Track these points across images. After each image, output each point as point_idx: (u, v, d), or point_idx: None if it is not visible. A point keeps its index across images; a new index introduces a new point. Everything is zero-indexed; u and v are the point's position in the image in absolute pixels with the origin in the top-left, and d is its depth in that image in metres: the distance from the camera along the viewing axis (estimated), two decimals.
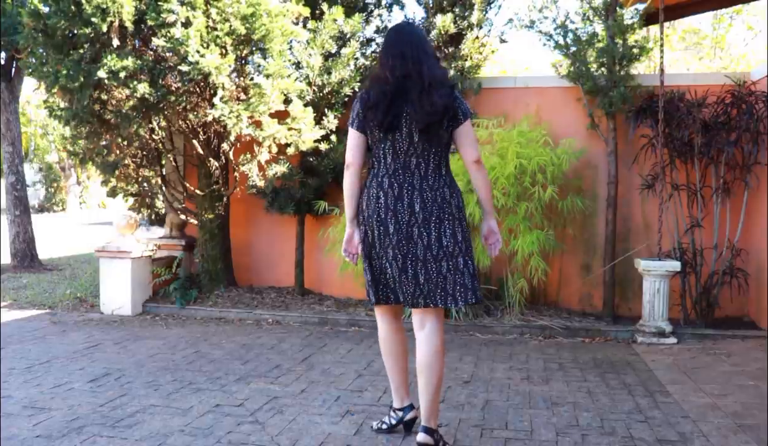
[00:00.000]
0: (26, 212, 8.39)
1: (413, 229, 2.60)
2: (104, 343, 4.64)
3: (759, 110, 5.01)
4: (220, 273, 6.12)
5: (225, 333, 5.01)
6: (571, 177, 5.48)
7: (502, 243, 2.81)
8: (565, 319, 5.30)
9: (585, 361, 4.29)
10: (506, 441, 2.86)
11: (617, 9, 5.37)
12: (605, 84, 5.34)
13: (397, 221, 2.60)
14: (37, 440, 2.83)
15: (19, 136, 8.43)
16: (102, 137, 5.61)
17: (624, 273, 5.56)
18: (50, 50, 5.00)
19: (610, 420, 3.14)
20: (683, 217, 5.36)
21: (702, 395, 3.54)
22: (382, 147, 2.65)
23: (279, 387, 3.63)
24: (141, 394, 3.47)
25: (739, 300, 5.29)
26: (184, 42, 4.68)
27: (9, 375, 3.80)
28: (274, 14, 5.01)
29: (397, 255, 2.61)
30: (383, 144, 2.65)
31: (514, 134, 5.27)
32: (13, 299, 6.38)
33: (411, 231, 2.60)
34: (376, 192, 2.64)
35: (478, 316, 5.25)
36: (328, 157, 5.73)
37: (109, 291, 5.76)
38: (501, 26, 17.60)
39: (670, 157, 5.33)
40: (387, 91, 2.59)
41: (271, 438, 2.87)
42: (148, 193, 6.41)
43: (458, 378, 3.83)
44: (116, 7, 4.67)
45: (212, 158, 5.77)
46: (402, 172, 2.64)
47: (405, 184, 2.62)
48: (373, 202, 2.64)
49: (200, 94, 5.26)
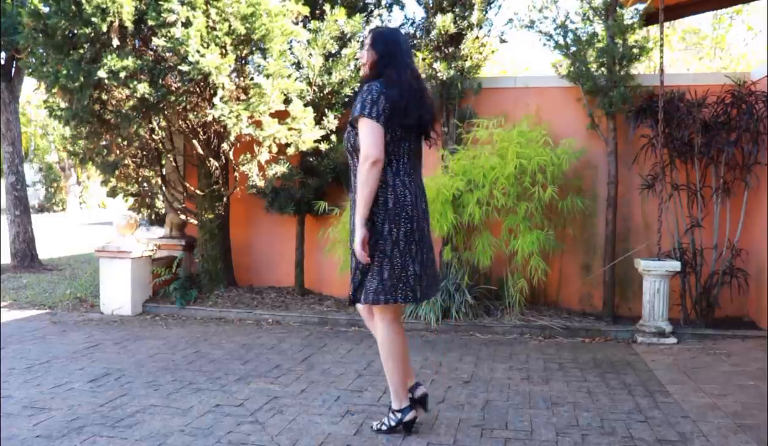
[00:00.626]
0: (26, 212, 8.39)
1: (425, 226, 2.82)
2: (104, 343, 4.64)
3: (759, 110, 5.01)
4: (220, 273, 6.12)
5: (225, 333, 5.01)
6: (571, 177, 5.48)
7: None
8: (565, 319, 5.30)
9: (585, 361, 4.29)
10: (506, 441, 2.86)
11: (617, 9, 5.37)
12: (605, 84, 5.34)
13: (419, 219, 2.77)
14: (37, 440, 2.83)
15: (19, 136, 8.43)
16: (102, 137, 5.61)
17: (624, 273, 5.56)
18: (50, 50, 5.00)
19: (610, 420, 3.14)
20: (683, 217, 5.36)
21: (702, 395, 3.54)
22: (402, 146, 2.76)
23: (279, 387, 3.63)
24: (141, 394, 3.47)
25: (739, 300, 5.29)
26: (184, 42, 4.68)
27: (9, 375, 3.80)
28: (274, 14, 5.01)
29: (421, 250, 2.77)
30: (404, 144, 2.76)
31: (514, 134, 5.27)
32: (13, 299, 6.38)
33: (425, 228, 2.82)
34: (402, 190, 2.73)
35: (478, 316, 5.25)
36: (328, 157, 5.73)
37: (109, 291, 5.76)
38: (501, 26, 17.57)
39: (670, 157, 5.33)
40: (415, 91, 2.74)
41: (271, 438, 2.87)
42: (148, 193, 6.41)
43: (458, 378, 3.83)
44: (116, 7, 4.67)
45: (212, 158, 5.77)
46: (414, 171, 2.82)
47: (417, 182, 2.83)
48: (401, 199, 2.72)
49: (200, 94, 5.26)
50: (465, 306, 5.19)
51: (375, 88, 2.67)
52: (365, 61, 2.80)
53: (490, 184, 5.11)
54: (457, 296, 5.20)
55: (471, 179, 5.15)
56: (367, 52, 2.79)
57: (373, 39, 2.79)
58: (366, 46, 2.80)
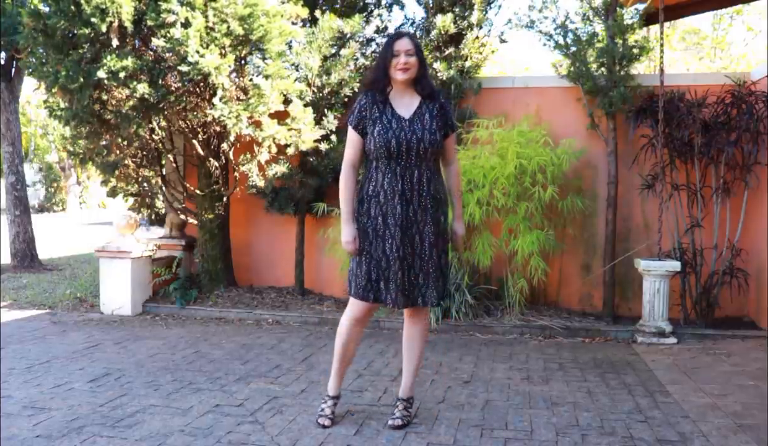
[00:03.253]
0: (26, 212, 8.39)
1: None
2: (104, 343, 4.64)
3: (759, 110, 5.01)
4: (220, 273, 6.12)
5: (225, 333, 5.01)
6: (571, 177, 5.48)
7: None
8: (565, 319, 5.30)
9: (585, 361, 4.29)
10: (506, 441, 2.86)
11: (617, 9, 5.37)
12: (605, 84, 5.34)
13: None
14: (37, 440, 2.83)
15: (19, 136, 8.43)
16: (102, 137, 5.61)
17: (624, 273, 5.56)
18: (50, 50, 5.00)
19: (610, 420, 3.13)
20: (683, 217, 5.36)
21: (702, 395, 3.54)
22: None
23: (279, 387, 3.63)
24: (141, 394, 3.47)
25: (739, 300, 5.29)
26: (184, 42, 4.68)
27: (9, 375, 3.80)
28: (272, 15, 5.01)
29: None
30: None
31: (514, 134, 5.27)
32: (13, 299, 6.38)
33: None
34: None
35: (478, 316, 5.25)
36: (328, 157, 5.73)
37: (109, 291, 5.76)
38: (501, 26, 17.60)
39: (670, 157, 5.33)
40: None
41: (271, 438, 2.87)
42: (148, 193, 6.42)
43: (458, 378, 3.83)
44: (115, 7, 4.67)
45: (212, 158, 5.78)
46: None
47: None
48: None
49: (200, 94, 5.26)
50: (465, 306, 5.19)
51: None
52: (415, 66, 2.85)
53: (490, 184, 5.11)
54: (457, 296, 5.20)
55: (471, 179, 5.15)
56: (416, 59, 2.85)
57: (418, 47, 2.87)
58: (413, 52, 2.84)
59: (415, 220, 2.82)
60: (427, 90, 2.89)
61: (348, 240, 2.87)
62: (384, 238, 2.83)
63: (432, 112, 2.87)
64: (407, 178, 2.81)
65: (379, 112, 2.85)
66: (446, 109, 2.92)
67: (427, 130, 2.82)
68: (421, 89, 2.89)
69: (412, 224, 2.82)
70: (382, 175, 2.83)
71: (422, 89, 2.89)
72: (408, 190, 2.81)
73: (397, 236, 2.80)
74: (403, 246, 2.81)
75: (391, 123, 2.81)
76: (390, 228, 2.81)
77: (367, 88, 2.93)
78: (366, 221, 2.87)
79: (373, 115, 2.85)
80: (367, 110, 2.87)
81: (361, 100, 2.90)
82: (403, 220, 2.81)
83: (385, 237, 2.83)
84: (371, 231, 2.85)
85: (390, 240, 2.82)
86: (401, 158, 2.80)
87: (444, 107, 2.92)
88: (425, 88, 2.89)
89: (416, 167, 2.81)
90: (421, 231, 2.83)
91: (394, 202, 2.80)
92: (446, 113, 2.91)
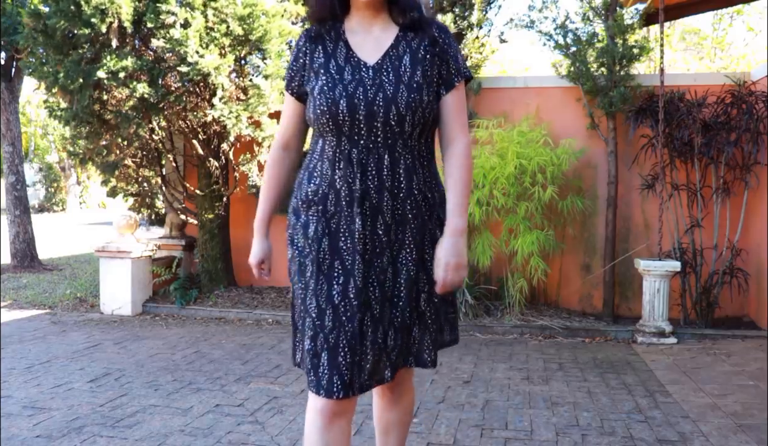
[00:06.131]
0: (26, 212, 8.39)
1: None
2: (104, 343, 4.64)
3: (759, 110, 5.01)
4: (220, 273, 6.12)
5: (225, 333, 5.01)
6: (571, 177, 5.48)
7: None
8: (565, 319, 5.30)
9: (585, 361, 4.29)
10: (506, 441, 2.86)
11: (617, 9, 5.37)
12: (605, 84, 5.34)
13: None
14: (37, 440, 2.83)
15: (19, 136, 8.43)
16: (102, 137, 5.61)
17: (624, 273, 5.56)
18: (50, 50, 5.01)
19: (610, 420, 3.13)
20: (683, 217, 5.36)
21: (702, 395, 3.54)
22: None
23: (279, 387, 3.63)
24: (141, 394, 3.47)
25: (739, 300, 5.29)
26: (183, 42, 4.68)
27: (9, 375, 3.80)
28: (272, 14, 5.02)
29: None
30: None
31: (514, 134, 5.27)
32: (13, 299, 6.38)
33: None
34: None
35: (478, 316, 5.25)
36: None
37: (109, 291, 5.76)
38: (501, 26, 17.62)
39: (670, 157, 5.33)
40: None
41: (271, 438, 2.87)
42: (148, 193, 6.42)
43: (458, 378, 3.83)
44: (115, 8, 4.68)
45: (212, 158, 5.78)
46: None
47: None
48: None
49: (200, 95, 5.26)
50: (465, 306, 5.19)
51: None
52: None
53: (490, 184, 5.11)
54: (457, 296, 5.20)
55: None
56: None
57: None
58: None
59: (387, 242, 1.64)
60: (409, 14, 1.66)
61: (252, 262, 1.87)
62: (333, 276, 1.63)
63: (416, 53, 1.65)
64: (371, 169, 1.62)
65: (326, 55, 1.67)
66: (446, 45, 1.69)
67: (404, 85, 1.61)
68: (398, 13, 1.67)
69: (383, 250, 1.63)
70: (329, 163, 1.65)
71: (401, 12, 1.66)
72: (374, 190, 1.62)
73: (357, 271, 1.61)
74: (365, 287, 1.61)
75: (342, 73, 1.63)
76: (344, 258, 1.63)
77: (312, 21, 1.74)
78: (302, 245, 1.69)
79: (316, 61, 1.67)
80: (306, 56, 1.69)
81: (299, 41, 1.73)
82: (366, 243, 1.62)
83: (334, 275, 1.63)
84: (311, 263, 1.66)
85: (343, 278, 1.62)
86: (360, 134, 1.61)
87: (440, 43, 1.69)
88: (406, 9, 1.65)
89: (387, 149, 1.62)
90: (397, 261, 1.65)
91: (350, 211, 1.62)
92: (444, 53, 1.69)
